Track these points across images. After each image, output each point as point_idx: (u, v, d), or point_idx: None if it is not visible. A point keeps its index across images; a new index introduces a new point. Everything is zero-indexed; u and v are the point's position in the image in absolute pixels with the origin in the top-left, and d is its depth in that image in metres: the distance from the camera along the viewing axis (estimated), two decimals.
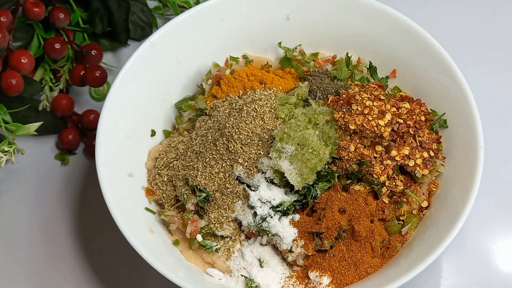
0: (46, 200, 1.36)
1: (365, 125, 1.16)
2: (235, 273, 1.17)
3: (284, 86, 1.27)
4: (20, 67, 1.30)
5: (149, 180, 1.25)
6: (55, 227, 1.33)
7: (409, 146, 1.17)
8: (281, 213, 1.14)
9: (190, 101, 1.29)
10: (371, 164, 1.15)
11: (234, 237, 1.18)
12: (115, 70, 1.46)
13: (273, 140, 1.16)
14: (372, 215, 1.16)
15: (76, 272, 1.28)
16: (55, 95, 1.40)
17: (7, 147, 1.30)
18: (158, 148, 1.27)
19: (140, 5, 1.51)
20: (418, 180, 1.18)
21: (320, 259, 1.13)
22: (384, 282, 1.06)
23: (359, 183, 1.17)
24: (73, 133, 1.39)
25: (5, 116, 1.30)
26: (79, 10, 1.47)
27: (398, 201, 1.16)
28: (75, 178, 1.38)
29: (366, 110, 1.18)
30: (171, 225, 1.19)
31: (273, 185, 1.15)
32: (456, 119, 1.20)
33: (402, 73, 1.29)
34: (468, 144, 1.15)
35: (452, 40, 1.43)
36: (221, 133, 1.18)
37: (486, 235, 1.28)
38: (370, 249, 1.14)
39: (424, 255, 1.06)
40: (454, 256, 1.26)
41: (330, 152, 1.15)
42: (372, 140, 1.18)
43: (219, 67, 1.32)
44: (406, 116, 1.19)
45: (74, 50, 1.40)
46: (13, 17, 1.33)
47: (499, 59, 1.47)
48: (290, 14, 1.32)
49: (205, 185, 1.17)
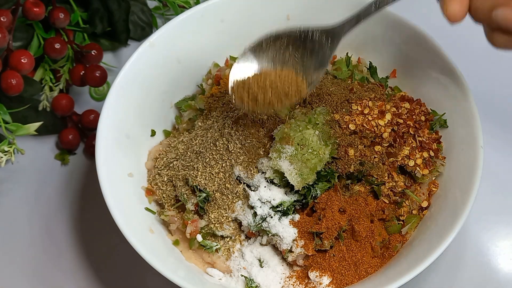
0: (46, 200, 1.36)
1: (365, 125, 1.17)
2: (235, 273, 1.17)
3: None
4: (20, 67, 1.30)
5: (149, 180, 1.25)
6: (55, 227, 1.33)
7: (409, 146, 1.17)
8: (281, 213, 1.14)
9: (190, 101, 1.29)
10: (372, 164, 1.16)
11: (234, 237, 1.18)
12: (115, 70, 1.46)
13: (273, 140, 1.16)
14: (372, 215, 1.16)
15: (76, 272, 1.28)
16: (55, 95, 1.40)
17: (7, 147, 1.30)
18: (158, 148, 1.27)
19: (140, 5, 1.51)
20: (418, 180, 1.18)
21: (320, 259, 1.13)
22: (384, 282, 1.06)
23: (359, 183, 1.17)
24: (73, 133, 1.39)
25: (5, 116, 1.30)
26: (79, 10, 1.47)
27: (398, 201, 1.16)
28: (75, 178, 1.38)
29: (366, 110, 1.18)
30: (171, 225, 1.19)
31: (273, 185, 1.15)
32: (456, 119, 1.20)
33: (402, 73, 1.29)
34: (468, 144, 1.15)
35: (452, 40, 1.43)
36: (221, 133, 1.18)
37: (486, 235, 1.28)
38: (370, 249, 1.14)
39: (424, 255, 1.06)
40: (454, 256, 1.26)
41: (330, 152, 1.15)
42: (372, 140, 1.18)
43: (219, 67, 1.32)
44: (406, 116, 1.19)
45: (74, 50, 1.40)
46: (13, 17, 1.33)
47: (499, 59, 1.47)
48: (290, 14, 1.33)
49: (205, 185, 1.17)
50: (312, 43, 1.13)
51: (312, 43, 1.13)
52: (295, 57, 1.13)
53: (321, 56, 1.13)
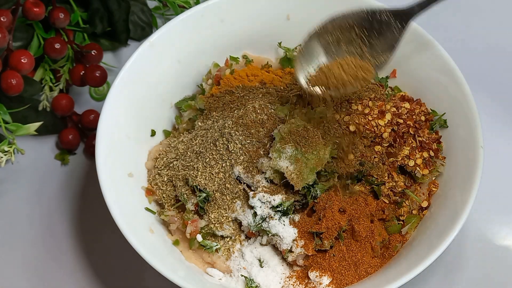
0: (46, 200, 1.36)
1: (365, 125, 1.17)
2: (235, 273, 1.17)
3: (284, 86, 1.27)
4: (20, 67, 1.30)
5: (149, 180, 1.25)
6: (55, 227, 1.33)
7: (409, 146, 1.17)
8: (281, 213, 1.14)
9: (190, 101, 1.29)
10: (372, 164, 1.16)
11: (234, 237, 1.18)
12: (115, 70, 1.46)
13: (273, 140, 1.16)
14: (372, 215, 1.16)
15: (76, 272, 1.28)
16: (55, 95, 1.40)
17: (7, 147, 1.30)
18: (158, 148, 1.27)
19: (140, 5, 1.51)
20: (418, 180, 1.18)
21: (320, 259, 1.13)
22: (384, 282, 1.06)
23: (359, 183, 1.17)
24: (73, 133, 1.39)
25: (5, 116, 1.30)
26: (79, 10, 1.47)
27: (398, 201, 1.16)
28: (75, 178, 1.38)
29: (366, 110, 1.18)
30: (171, 225, 1.19)
31: (273, 185, 1.15)
32: (456, 119, 1.20)
33: (402, 73, 1.29)
34: (468, 144, 1.15)
35: (452, 40, 1.43)
36: (221, 133, 1.18)
37: (486, 235, 1.28)
38: (370, 249, 1.14)
39: (424, 255, 1.06)
40: (454, 256, 1.26)
41: (330, 152, 1.15)
42: (372, 140, 1.18)
43: (219, 67, 1.32)
44: (406, 116, 1.19)
45: (74, 50, 1.40)
46: (13, 17, 1.33)
47: (499, 59, 1.47)
48: (290, 14, 1.33)
49: (205, 185, 1.17)
50: (379, 24, 1.11)
51: (379, 24, 1.11)
52: (362, 38, 1.11)
53: (390, 38, 1.11)
